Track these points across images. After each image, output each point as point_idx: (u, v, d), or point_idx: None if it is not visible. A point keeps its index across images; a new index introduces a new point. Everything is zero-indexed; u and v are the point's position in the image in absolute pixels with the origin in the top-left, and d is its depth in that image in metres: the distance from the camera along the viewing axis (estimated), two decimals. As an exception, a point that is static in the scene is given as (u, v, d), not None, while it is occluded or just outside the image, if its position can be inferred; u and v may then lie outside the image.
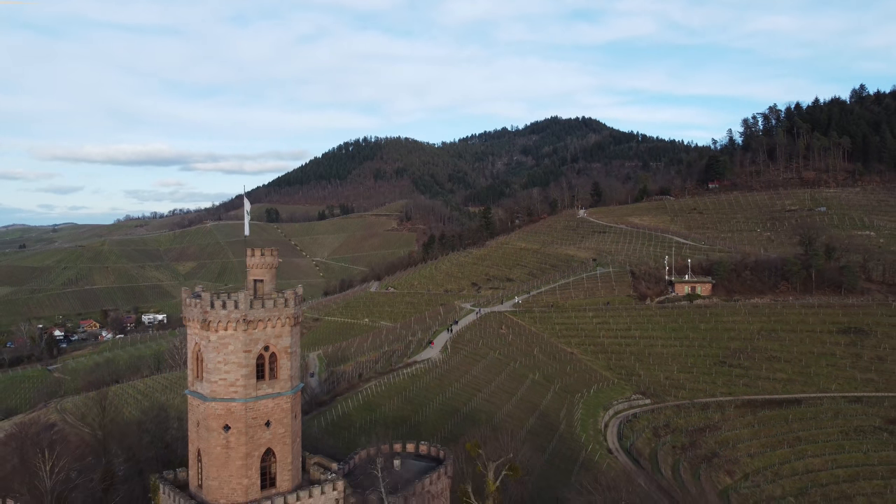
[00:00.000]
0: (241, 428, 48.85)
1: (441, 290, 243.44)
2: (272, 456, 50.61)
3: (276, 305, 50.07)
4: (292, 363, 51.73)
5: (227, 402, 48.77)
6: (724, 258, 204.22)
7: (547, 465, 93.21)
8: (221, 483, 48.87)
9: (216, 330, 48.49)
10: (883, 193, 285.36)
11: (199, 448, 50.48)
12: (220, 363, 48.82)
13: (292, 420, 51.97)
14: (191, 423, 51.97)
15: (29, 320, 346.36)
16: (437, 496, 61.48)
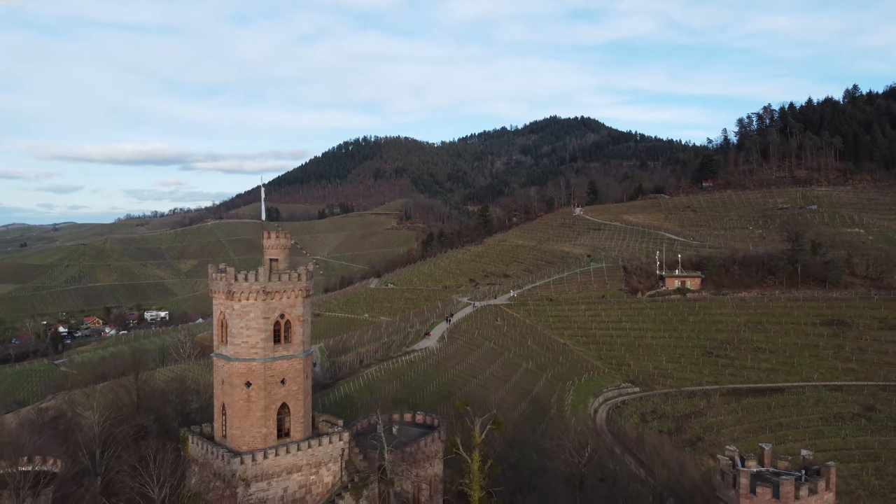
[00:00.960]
0: (260, 384, 57.26)
1: (440, 287, 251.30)
2: (286, 409, 59.04)
3: (290, 279, 58.51)
4: (304, 330, 60.20)
5: (248, 362, 57.16)
6: (714, 254, 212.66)
7: (536, 441, 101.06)
8: (244, 432, 57.24)
9: (239, 299, 56.91)
10: (873, 192, 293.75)
11: (224, 402, 58.90)
12: (243, 328, 57.25)
13: (304, 379, 60.44)
14: (216, 381, 60.41)
15: (33, 317, 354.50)
16: (432, 457, 69.87)
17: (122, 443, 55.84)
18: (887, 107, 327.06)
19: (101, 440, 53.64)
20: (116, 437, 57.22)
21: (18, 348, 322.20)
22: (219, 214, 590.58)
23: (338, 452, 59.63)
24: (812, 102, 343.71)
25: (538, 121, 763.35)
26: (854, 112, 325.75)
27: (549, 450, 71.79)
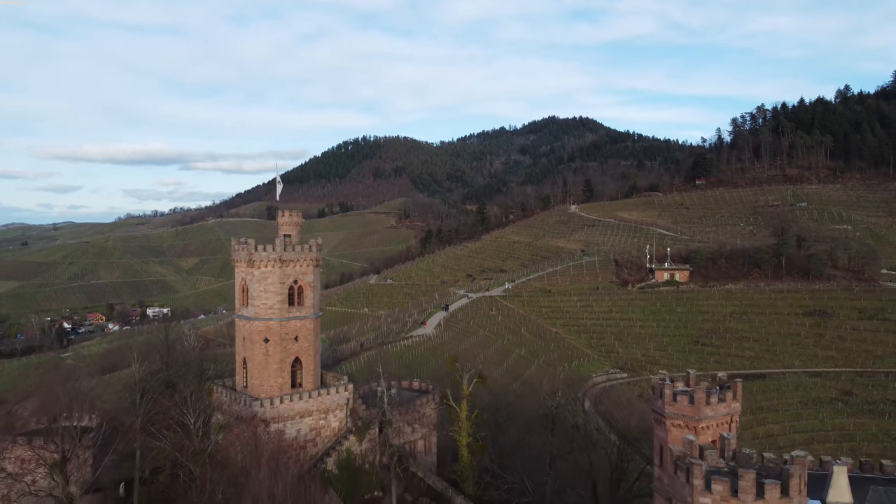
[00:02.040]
0: (276, 340, 67.18)
1: (438, 282, 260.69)
2: (299, 363, 68.99)
3: (303, 250, 68.53)
4: (315, 295, 70.18)
5: (266, 321, 67.09)
6: (702, 248, 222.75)
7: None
8: (262, 381, 67.15)
9: (259, 267, 66.89)
10: (862, 190, 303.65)
11: (245, 357, 68.83)
12: (262, 292, 67.21)
13: (314, 338, 70.41)
14: (238, 339, 70.38)
15: (37, 313, 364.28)
16: (427, 416, 79.81)
17: (158, 389, 65.69)
18: (877, 106, 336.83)
19: (140, 387, 63.50)
20: (152, 385, 67.05)
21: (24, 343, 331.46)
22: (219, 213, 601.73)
23: (343, 401, 69.45)
24: (804, 102, 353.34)
25: (537, 121, 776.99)
26: (845, 112, 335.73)
27: (524, 395, 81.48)
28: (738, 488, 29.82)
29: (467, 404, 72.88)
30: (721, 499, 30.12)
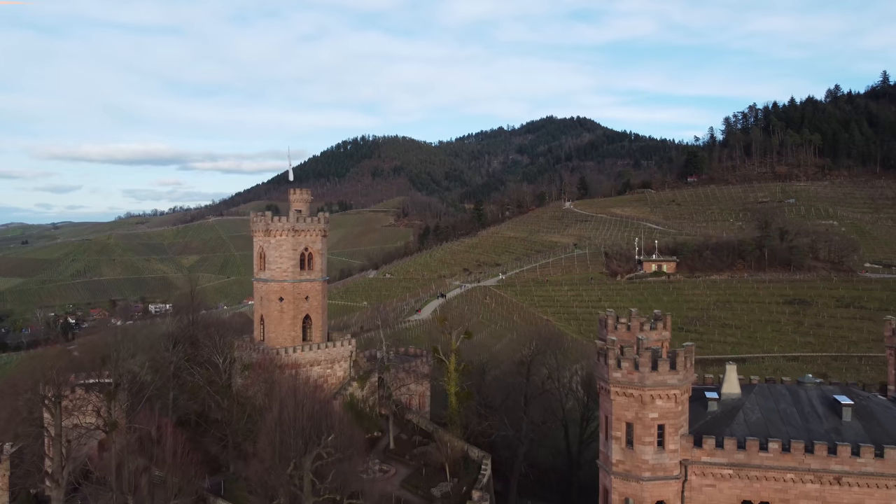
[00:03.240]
0: (290, 299, 78.95)
1: (435, 276, 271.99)
2: (309, 320, 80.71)
3: (313, 221, 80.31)
4: (322, 261, 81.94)
5: (281, 283, 78.83)
6: (689, 240, 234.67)
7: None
8: (277, 335, 78.87)
9: (275, 235, 78.67)
10: (850, 187, 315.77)
11: (262, 314, 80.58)
12: (277, 257, 78.96)
13: (322, 298, 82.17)
14: (256, 299, 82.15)
15: (41, 309, 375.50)
16: (421, 377, 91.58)
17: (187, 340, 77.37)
18: (866, 106, 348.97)
19: (173, 339, 75.17)
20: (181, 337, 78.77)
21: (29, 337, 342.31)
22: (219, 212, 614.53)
23: (347, 353, 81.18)
24: (795, 102, 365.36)
25: (535, 120, 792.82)
26: (834, 111, 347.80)
27: (503, 348, 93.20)
28: (639, 364, 41.54)
29: (455, 358, 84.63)
30: (627, 372, 41.81)
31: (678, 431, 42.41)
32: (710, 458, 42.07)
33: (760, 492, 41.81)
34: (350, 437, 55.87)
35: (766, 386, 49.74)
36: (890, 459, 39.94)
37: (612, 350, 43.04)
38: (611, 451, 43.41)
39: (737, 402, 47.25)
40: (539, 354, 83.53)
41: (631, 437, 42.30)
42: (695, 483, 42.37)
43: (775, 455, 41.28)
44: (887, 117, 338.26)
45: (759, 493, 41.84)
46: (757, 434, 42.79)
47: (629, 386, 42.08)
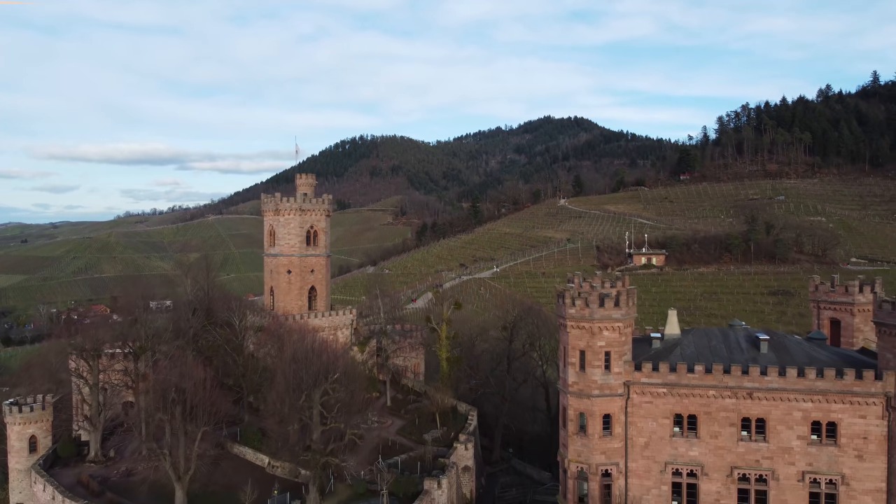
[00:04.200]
0: (297, 272, 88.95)
1: (432, 271, 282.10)
2: (314, 291, 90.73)
3: (318, 202, 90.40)
4: (326, 238, 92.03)
5: (289, 257, 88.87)
6: (677, 234, 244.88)
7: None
8: (286, 304, 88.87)
9: (284, 214, 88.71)
10: (838, 184, 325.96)
11: (272, 286, 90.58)
12: (286, 234, 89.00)
13: (326, 272, 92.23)
14: (266, 272, 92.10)
15: (44, 305, 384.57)
16: (416, 346, 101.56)
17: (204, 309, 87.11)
18: (855, 105, 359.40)
19: (193, 305, 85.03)
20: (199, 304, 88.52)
21: (33, 332, 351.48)
22: (219, 210, 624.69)
23: (348, 321, 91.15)
24: (786, 101, 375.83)
25: (532, 120, 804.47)
26: (823, 110, 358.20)
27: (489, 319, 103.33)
28: (589, 302, 51.50)
29: (446, 327, 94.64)
30: (580, 309, 51.75)
31: (622, 358, 52.35)
32: (648, 380, 51.99)
33: (688, 406, 51.72)
34: (352, 377, 65.82)
35: (702, 329, 59.87)
36: (790, 377, 49.86)
37: (568, 291, 53.01)
38: (567, 375, 53.35)
39: (676, 341, 57.26)
40: (520, 321, 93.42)
41: (583, 362, 52.25)
42: (636, 400, 52.26)
43: (700, 376, 51.22)
44: (876, 116, 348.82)
45: (688, 408, 51.75)
46: (688, 362, 52.75)
47: (581, 320, 52.06)
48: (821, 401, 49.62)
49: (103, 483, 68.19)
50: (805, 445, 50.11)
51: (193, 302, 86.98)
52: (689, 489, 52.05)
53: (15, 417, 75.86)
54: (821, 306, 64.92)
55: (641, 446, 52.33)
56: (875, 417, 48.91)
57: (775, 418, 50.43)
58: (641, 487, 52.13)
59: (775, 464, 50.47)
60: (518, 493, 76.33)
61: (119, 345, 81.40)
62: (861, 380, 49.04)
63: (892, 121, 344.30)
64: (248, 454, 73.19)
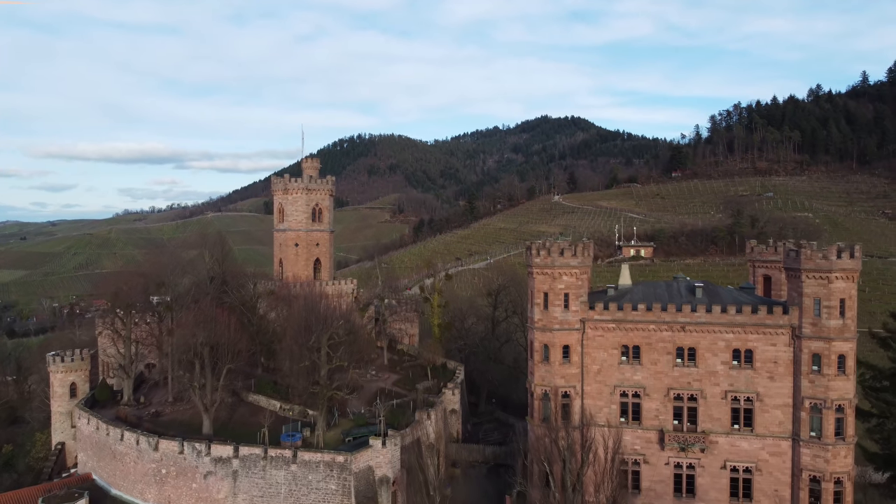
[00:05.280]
0: (303, 245, 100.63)
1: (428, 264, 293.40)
2: (319, 263, 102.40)
3: (322, 183, 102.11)
4: (329, 215, 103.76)
5: (296, 231, 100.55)
6: (665, 227, 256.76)
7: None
8: (293, 274, 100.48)
9: (292, 193, 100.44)
10: (826, 181, 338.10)
11: (281, 258, 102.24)
12: (294, 211, 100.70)
13: (330, 246, 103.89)
14: (275, 246, 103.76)
15: (47, 299, 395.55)
16: (411, 318, 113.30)
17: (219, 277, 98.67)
18: (844, 105, 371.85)
19: (211, 274, 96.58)
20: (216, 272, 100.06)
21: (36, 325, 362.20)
22: (217, 208, 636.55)
23: (350, 289, 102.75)
24: (777, 100, 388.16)
25: (530, 120, 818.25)
26: (813, 109, 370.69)
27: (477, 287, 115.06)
28: (551, 251, 63.25)
29: (438, 296, 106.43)
30: (543, 258, 63.49)
31: (579, 299, 64.02)
32: (600, 317, 63.66)
33: (633, 339, 63.39)
34: (354, 325, 77.43)
35: (650, 281, 71.61)
36: (715, 313, 61.55)
37: (534, 244, 64.77)
38: (533, 314, 65.02)
39: (627, 290, 69.01)
40: (504, 289, 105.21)
41: (546, 302, 63.90)
42: (590, 334, 63.91)
43: (642, 313, 62.91)
44: (864, 116, 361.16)
45: (633, 340, 63.42)
46: (634, 304, 64.43)
47: (545, 267, 63.78)
48: (740, 332, 61.39)
49: (137, 420, 79.64)
50: (727, 369, 61.86)
51: (211, 270, 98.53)
52: (634, 407, 63.77)
53: (58, 367, 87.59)
54: (755, 265, 76.50)
55: (595, 372, 64.03)
56: (783, 345, 60.64)
57: (703, 347, 62.17)
58: (595, 406, 63.79)
59: (703, 385, 62.21)
60: (499, 436, 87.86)
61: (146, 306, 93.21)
62: (772, 314, 60.84)
63: (879, 120, 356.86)
64: (261, 401, 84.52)
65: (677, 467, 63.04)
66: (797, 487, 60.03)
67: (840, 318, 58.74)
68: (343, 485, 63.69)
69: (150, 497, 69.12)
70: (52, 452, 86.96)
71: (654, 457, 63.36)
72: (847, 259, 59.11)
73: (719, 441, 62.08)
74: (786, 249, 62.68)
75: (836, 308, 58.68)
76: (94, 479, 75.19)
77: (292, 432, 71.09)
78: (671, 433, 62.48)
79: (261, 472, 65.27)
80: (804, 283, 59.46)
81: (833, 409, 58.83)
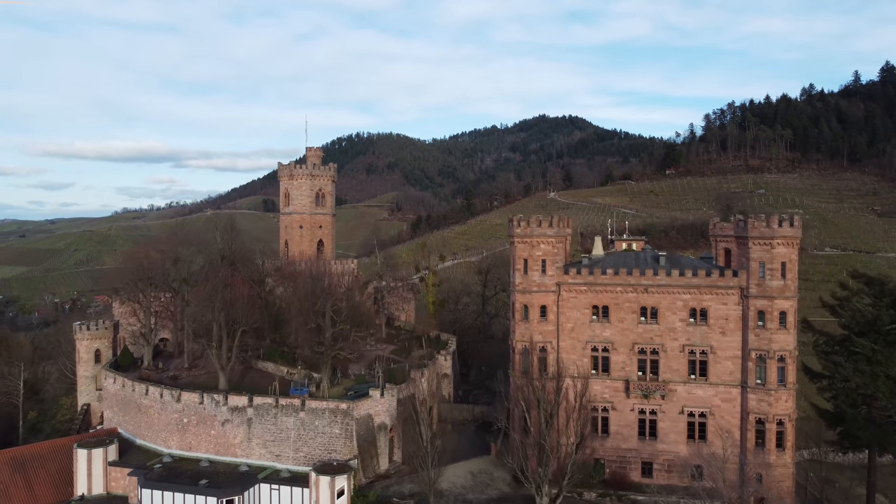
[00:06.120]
0: (307, 227, 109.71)
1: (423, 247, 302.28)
2: (322, 244, 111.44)
3: (325, 169, 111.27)
4: (332, 200, 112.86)
5: (301, 214, 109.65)
6: (657, 222, 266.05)
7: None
8: (298, 255, 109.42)
9: (297, 179, 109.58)
10: (817, 179, 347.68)
11: (286, 239, 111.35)
12: (299, 196, 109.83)
13: (332, 228, 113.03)
14: (282, 228, 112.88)
15: (48, 294, 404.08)
16: (408, 297, 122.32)
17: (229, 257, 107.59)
18: (836, 104, 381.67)
19: (220, 254, 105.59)
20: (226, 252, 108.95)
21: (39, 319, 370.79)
22: (217, 206, 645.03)
23: (350, 268, 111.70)
24: (770, 99, 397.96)
25: (527, 119, 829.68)
26: (804, 108, 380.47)
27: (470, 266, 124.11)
28: (530, 222, 72.42)
29: (432, 276, 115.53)
30: (523, 228, 72.63)
31: (554, 264, 73.13)
32: (573, 281, 72.77)
33: (602, 300, 72.49)
34: (355, 294, 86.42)
35: (620, 252, 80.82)
36: (674, 276, 70.68)
37: (515, 217, 73.87)
38: (515, 278, 74.14)
39: (600, 259, 78.17)
40: (493, 267, 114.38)
41: (526, 268, 73.02)
42: (564, 296, 73.01)
43: (610, 276, 72.02)
44: (855, 114, 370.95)
45: (602, 301, 72.50)
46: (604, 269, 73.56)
47: (525, 236, 72.89)
48: (696, 293, 70.54)
49: (158, 381, 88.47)
50: (685, 326, 70.96)
51: (222, 250, 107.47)
52: (604, 360, 72.88)
53: (84, 335, 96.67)
54: (717, 240, 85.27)
55: (569, 329, 73.12)
56: (733, 304, 69.78)
57: (664, 307, 71.30)
58: (569, 360, 72.85)
59: (664, 339, 71.32)
60: (487, 398, 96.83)
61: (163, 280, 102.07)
62: (723, 277, 70.05)
63: (870, 119, 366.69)
64: (269, 367, 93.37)
65: (641, 413, 72.15)
66: (745, 429, 69.12)
67: (782, 280, 67.94)
68: (346, 429, 72.64)
69: (172, 444, 78.01)
70: (78, 413, 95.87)
71: (621, 404, 72.46)
72: (787, 227, 68.43)
73: (678, 389, 71.18)
74: (736, 220, 71.88)
75: (777, 270, 67.89)
76: (119, 432, 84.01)
77: (300, 387, 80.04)
78: (636, 383, 71.55)
79: (272, 419, 74.23)
80: (751, 249, 68.66)
81: (776, 359, 67.96)
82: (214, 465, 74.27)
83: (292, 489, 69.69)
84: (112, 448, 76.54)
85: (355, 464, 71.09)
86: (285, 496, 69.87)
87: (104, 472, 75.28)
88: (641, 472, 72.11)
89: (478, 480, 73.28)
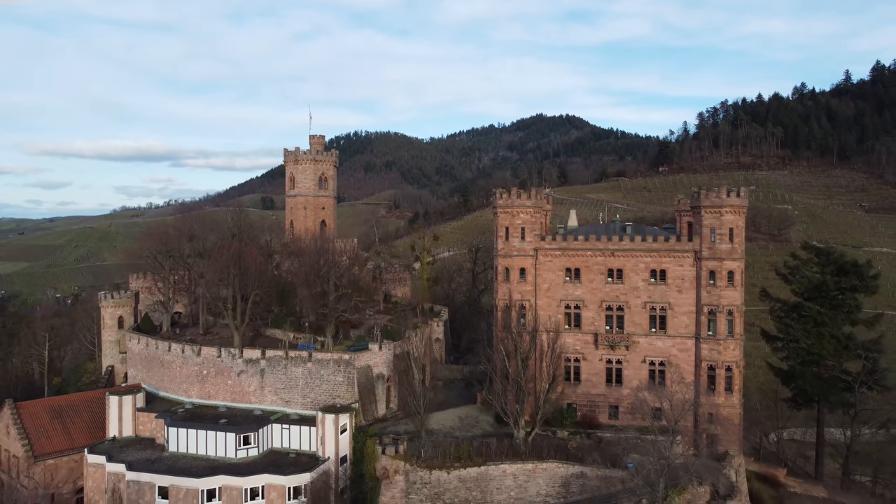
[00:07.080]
0: (311, 207, 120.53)
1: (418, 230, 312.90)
2: (325, 224, 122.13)
3: (327, 155, 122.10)
4: (334, 183, 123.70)
5: (305, 196, 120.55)
6: (647, 215, 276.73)
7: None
8: (304, 232, 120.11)
9: (301, 163, 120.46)
10: (807, 176, 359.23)
11: (291, 220, 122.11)
12: (303, 179, 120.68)
13: (334, 210, 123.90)
14: (287, 210, 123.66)
15: (50, 290, 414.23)
16: (405, 281, 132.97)
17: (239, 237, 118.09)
18: (826, 102, 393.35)
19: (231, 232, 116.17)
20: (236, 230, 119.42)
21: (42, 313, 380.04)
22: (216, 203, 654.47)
23: (351, 247, 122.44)
24: (762, 97, 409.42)
25: (525, 118, 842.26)
26: (795, 106, 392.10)
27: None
28: (511, 194, 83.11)
29: (427, 254, 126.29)
30: (504, 199, 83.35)
31: (533, 232, 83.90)
32: (549, 246, 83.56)
33: (575, 263, 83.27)
34: (355, 268, 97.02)
35: (593, 224, 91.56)
36: (637, 242, 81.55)
37: (498, 190, 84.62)
38: (497, 244, 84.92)
39: (574, 229, 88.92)
40: (483, 245, 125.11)
41: (507, 235, 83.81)
42: (541, 259, 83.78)
43: (581, 242, 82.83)
44: (845, 113, 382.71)
45: (574, 264, 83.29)
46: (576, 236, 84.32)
47: (506, 207, 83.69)
48: (656, 256, 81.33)
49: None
50: (647, 285, 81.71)
51: (233, 228, 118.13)
52: (576, 316, 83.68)
53: (108, 302, 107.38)
54: (681, 214, 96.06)
55: (545, 289, 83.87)
56: (688, 266, 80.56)
57: (628, 268, 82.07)
58: (545, 316, 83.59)
59: (628, 297, 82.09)
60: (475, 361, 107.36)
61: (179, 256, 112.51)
62: (679, 242, 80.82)
63: (860, 117, 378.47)
64: (277, 333, 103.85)
65: (608, 362, 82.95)
66: (698, 375, 79.87)
67: (729, 243, 78.77)
68: (348, 377, 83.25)
69: (193, 394, 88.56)
70: (103, 374, 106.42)
71: (591, 355, 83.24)
72: (734, 197, 79.26)
73: (640, 341, 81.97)
74: (691, 192, 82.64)
75: (726, 235, 78.70)
76: (143, 387, 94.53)
77: (307, 344, 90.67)
78: (603, 335, 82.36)
79: (283, 370, 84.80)
80: (703, 216, 79.46)
81: (725, 313, 78.77)
82: (231, 410, 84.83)
83: (301, 428, 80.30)
84: (140, 396, 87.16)
85: (356, 406, 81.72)
86: (294, 434, 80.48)
87: (133, 417, 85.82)
88: (609, 414, 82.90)
89: (464, 422, 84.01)
